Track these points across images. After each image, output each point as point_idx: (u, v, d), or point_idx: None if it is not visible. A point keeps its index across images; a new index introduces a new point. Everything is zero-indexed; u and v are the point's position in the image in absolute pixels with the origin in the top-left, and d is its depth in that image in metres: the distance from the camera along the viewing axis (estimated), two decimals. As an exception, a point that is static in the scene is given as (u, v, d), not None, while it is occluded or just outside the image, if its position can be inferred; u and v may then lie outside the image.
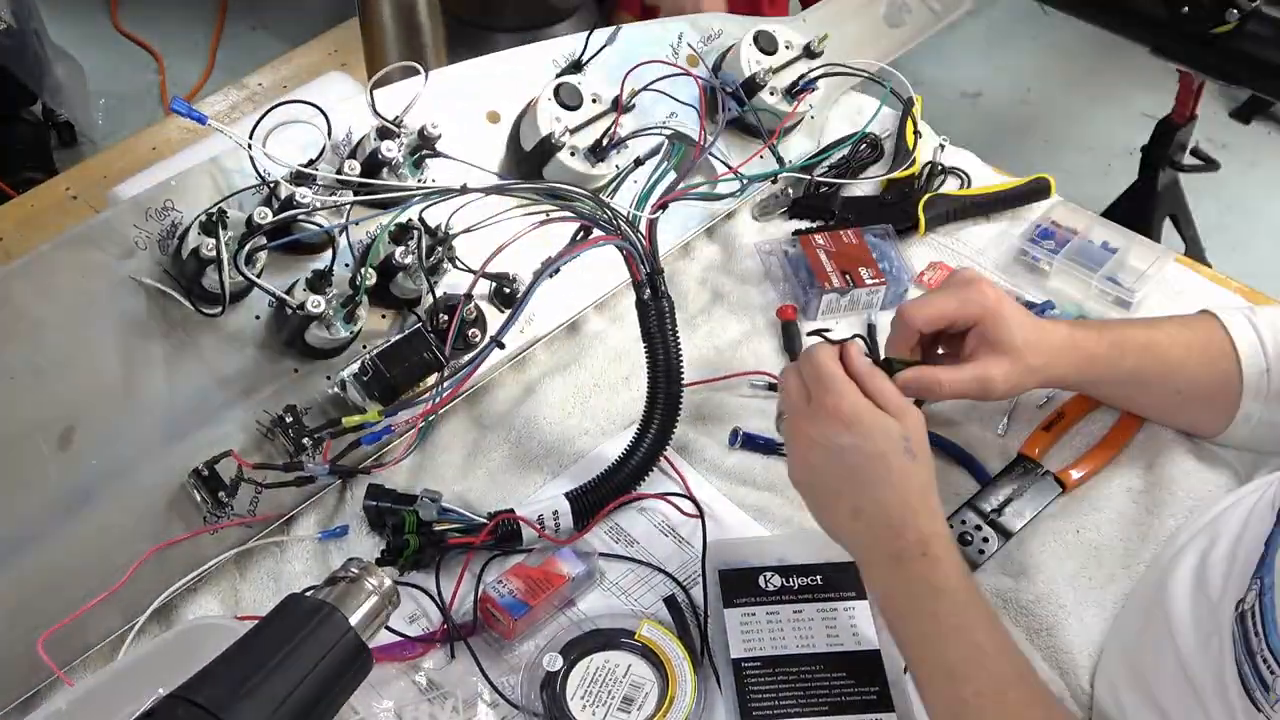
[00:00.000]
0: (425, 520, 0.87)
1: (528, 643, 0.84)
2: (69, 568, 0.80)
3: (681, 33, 1.12)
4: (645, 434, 0.90)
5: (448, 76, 1.00)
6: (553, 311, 1.02)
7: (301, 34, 1.44)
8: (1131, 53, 1.69)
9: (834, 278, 1.06)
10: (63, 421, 0.81)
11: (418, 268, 0.91)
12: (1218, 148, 2.43)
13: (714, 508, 0.92)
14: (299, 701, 0.61)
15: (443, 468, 0.95)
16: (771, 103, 1.10)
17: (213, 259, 0.83)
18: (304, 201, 0.86)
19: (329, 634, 0.65)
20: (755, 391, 1.01)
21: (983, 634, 0.72)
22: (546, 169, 0.99)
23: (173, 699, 0.59)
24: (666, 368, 0.88)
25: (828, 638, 0.83)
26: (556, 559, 0.85)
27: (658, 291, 0.87)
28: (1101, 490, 0.93)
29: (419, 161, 0.93)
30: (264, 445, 0.88)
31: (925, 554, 0.73)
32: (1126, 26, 1.68)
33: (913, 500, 0.75)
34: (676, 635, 0.82)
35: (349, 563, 0.69)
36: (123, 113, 2.46)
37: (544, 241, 0.90)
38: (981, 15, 2.85)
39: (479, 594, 0.84)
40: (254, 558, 0.89)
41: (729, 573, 0.86)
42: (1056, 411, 0.97)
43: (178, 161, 1.07)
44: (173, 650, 0.73)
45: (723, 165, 1.06)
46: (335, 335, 0.88)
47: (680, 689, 0.79)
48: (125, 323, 0.84)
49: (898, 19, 1.30)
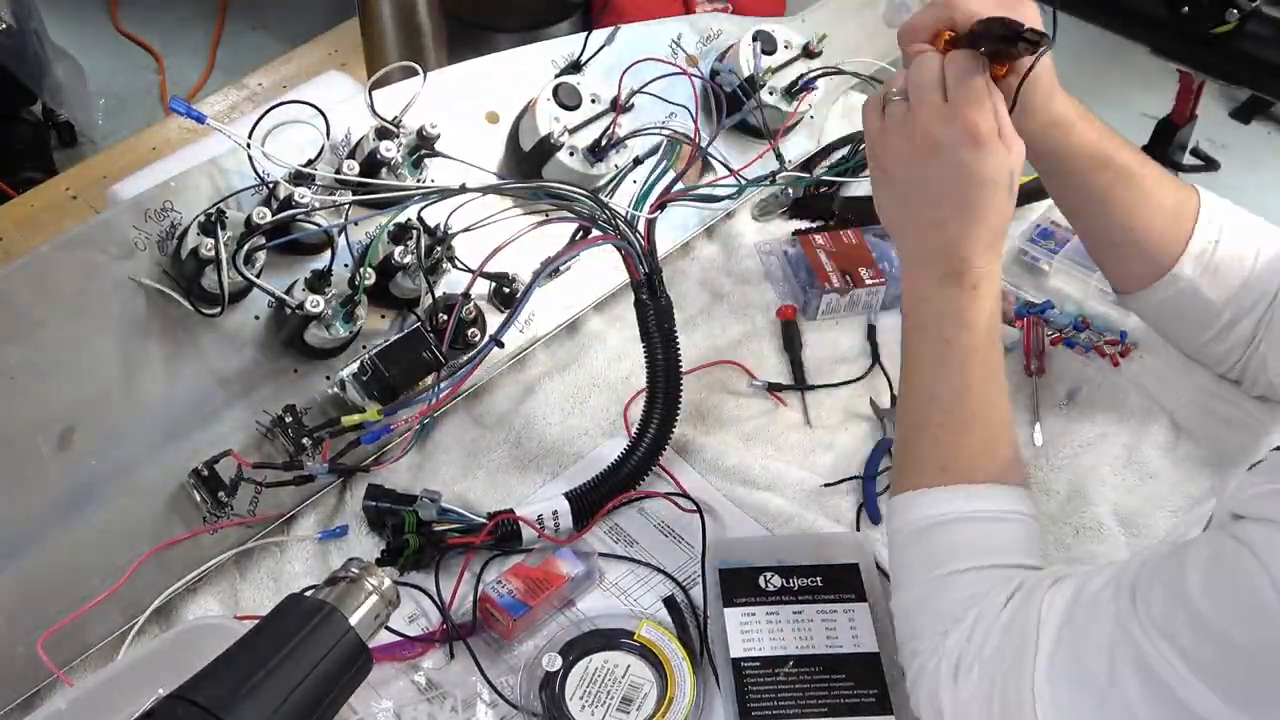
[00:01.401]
0: (425, 520, 0.87)
1: (527, 643, 0.84)
2: (69, 568, 0.80)
3: (680, 33, 1.12)
4: (644, 433, 0.90)
5: (447, 77, 1.00)
6: (552, 312, 1.02)
7: (301, 34, 1.44)
8: (1131, 53, 1.69)
9: (834, 278, 1.06)
10: (62, 422, 0.81)
11: (417, 267, 0.91)
12: (1218, 148, 2.43)
13: (714, 508, 0.92)
14: (299, 701, 0.61)
15: (442, 468, 0.95)
16: (771, 102, 1.10)
17: (212, 259, 0.83)
18: (303, 201, 0.86)
19: (329, 634, 0.65)
20: (755, 390, 1.01)
21: (978, 378, 0.75)
22: (545, 169, 0.99)
23: (173, 699, 0.59)
24: (665, 367, 0.88)
25: (827, 639, 0.83)
26: (556, 559, 0.85)
27: (656, 291, 0.87)
28: (1101, 483, 0.94)
29: (418, 161, 0.93)
30: (263, 445, 0.88)
31: (975, 286, 0.75)
32: (1126, 26, 1.67)
33: (989, 235, 0.76)
34: (675, 635, 0.83)
35: (349, 563, 0.69)
36: (123, 113, 2.45)
37: (543, 242, 0.90)
38: (981, 15, 2.84)
39: (478, 594, 0.84)
40: (254, 558, 0.89)
41: (729, 572, 0.86)
42: None
43: (177, 160, 1.07)
44: (173, 650, 0.73)
45: (722, 166, 1.06)
46: (334, 335, 0.88)
47: (679, 689, 0.79)
48: (125, 323, 0.84)
49: (896, 19, 1.30)
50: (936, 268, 0.77)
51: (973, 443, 0.75)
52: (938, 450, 0.75)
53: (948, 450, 0.75)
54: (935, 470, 0.75)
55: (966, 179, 0.75)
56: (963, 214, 0.76)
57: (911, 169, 0.78)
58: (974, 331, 0.75)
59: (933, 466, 0.75)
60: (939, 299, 0.76)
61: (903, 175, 0.79)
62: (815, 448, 0.98)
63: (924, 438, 0.76)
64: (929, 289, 0.77)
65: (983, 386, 0.75)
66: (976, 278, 0.75)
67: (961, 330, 0.75)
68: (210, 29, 2.69)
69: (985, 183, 0.75)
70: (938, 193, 0.76)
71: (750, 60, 1.09)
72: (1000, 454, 0.75)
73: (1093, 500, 0.93)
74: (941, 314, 0.76)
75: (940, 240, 0.77)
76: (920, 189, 0.78)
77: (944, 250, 0.76)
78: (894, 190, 0.80)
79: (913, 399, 0.78)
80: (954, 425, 0.75)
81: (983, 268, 0.76)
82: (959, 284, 0.75)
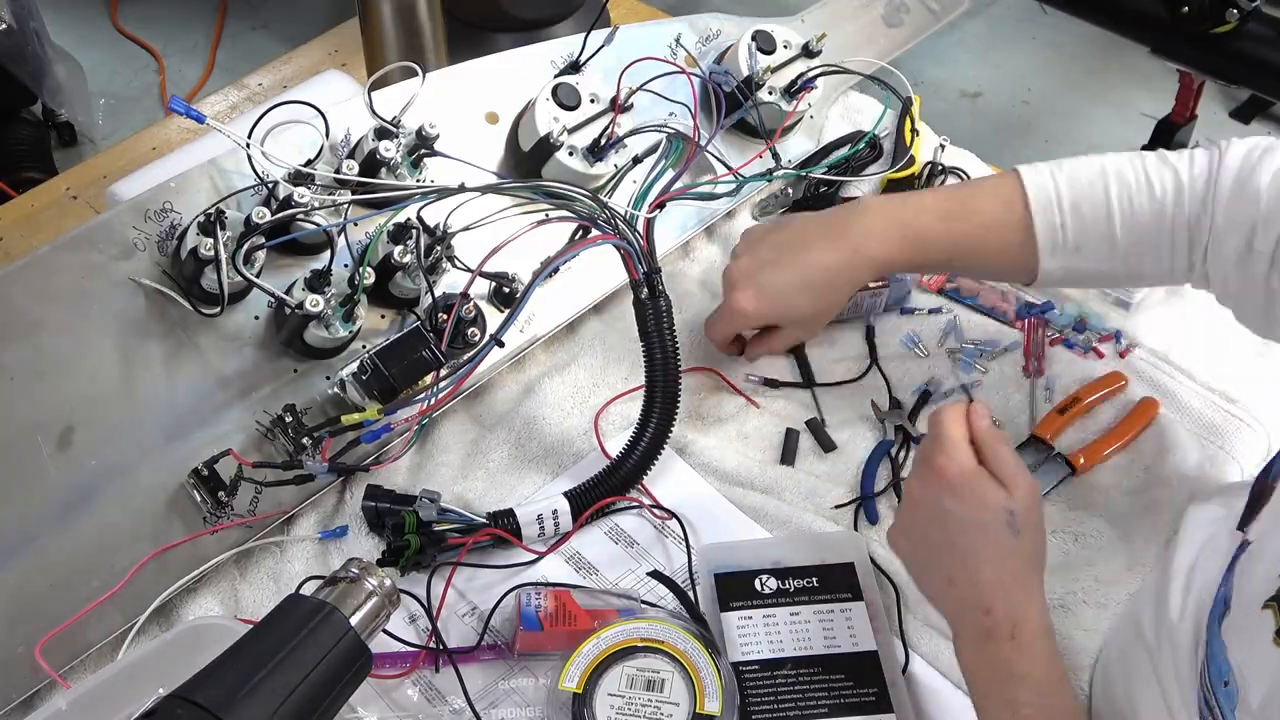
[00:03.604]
0: (425, 520, 0.87)
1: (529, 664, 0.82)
2: (69, 568, 0.80)
3: (680, 33, 1.12)
4: (643, 432, 0.90)
5: (446, 77, 1.00)
6: (552, 311, 1.02)
7: (301, 34, 1.44)
8: (1131, 53, 1.69)
9: (834, 278, 1.06)
10: (62, 422, 0.81)
11: (416, 267, 0.91)
12: (1217, 147, 2.44)
13: (712, 509, 0.92)
14: (299, 702, 0.62)
15: (442, 468, 0.95)
16: (770, 101, 1.10)
17: (211, 259, 0.83)
18: (302, 201, 0.86)
19: (329, 634, 0.65)
20: (755, 388, 1.01)
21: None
22: (545, 169, 0.99)
23: (173, 699, 0.59)
24: (664, 366, 0.88)
25: (825, 639, 0.83)
26: (613, 607, 0.83)
27: (655, 290, 0.87)
28: (1106, 487, 0.94)
29: (417, 161, 0.93)
30: (263, 445, 0.88)
31: (1014, 637, 0.70)
32: (1126, 26, 1.67)
33: (1007, 578, 0.71)
34: (683, 628, 0.81)
35: (349, 563, 0.70)
36: (123, 113, 2.45)
37: (543, 242, 0.90)
38: (981, 15, 2.85)
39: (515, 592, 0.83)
40: (254, 558, 0.89)
41: (724, 577, 0.86)
42: (1072, 396, 0.98)
43: (175, 159, 1.07)
44: (173, 650, 0.73)
45: (720, 165, 1.06)
46: (334, 335, 0.88)
47: (705, 677, 0.78)
48: (124, 323, 0.84)
49: (896, 19, 1.30)
50: (968, 627, 0.72)
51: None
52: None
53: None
54: None
55: (955, 526, 0.73)
56: (965, 563, 0.72)
57: (913, 536, 0.77)
58: (1033, 684, 0.69)
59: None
60: (986, 660, 0.71)
61: (908, 546, 0.78)
62: (815, 448, 0.98)
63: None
64: (972, 652, 0.72)
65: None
66: (1010, 626, 0.70)
67: (1021, 687, 0.69)
68: (210, 29, 2.70)
69: (972, 526, 0.72)
70: (939, 549, 0.74)
71: (748, 60, 1.09)
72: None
73: (1094, 501, 0.93)
74: (993, 675, 0.70)
75: (958, 598, 0.73)
76: (924, 550, 0.76)
77: (966, 607, 0.72)
78: (912, 561, 0.78)
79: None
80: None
81: (1016, 611, 0.70)
82: (994, 639, 0.70)
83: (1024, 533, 0.72)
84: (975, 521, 0.72)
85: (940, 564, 0.74)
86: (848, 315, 1.06)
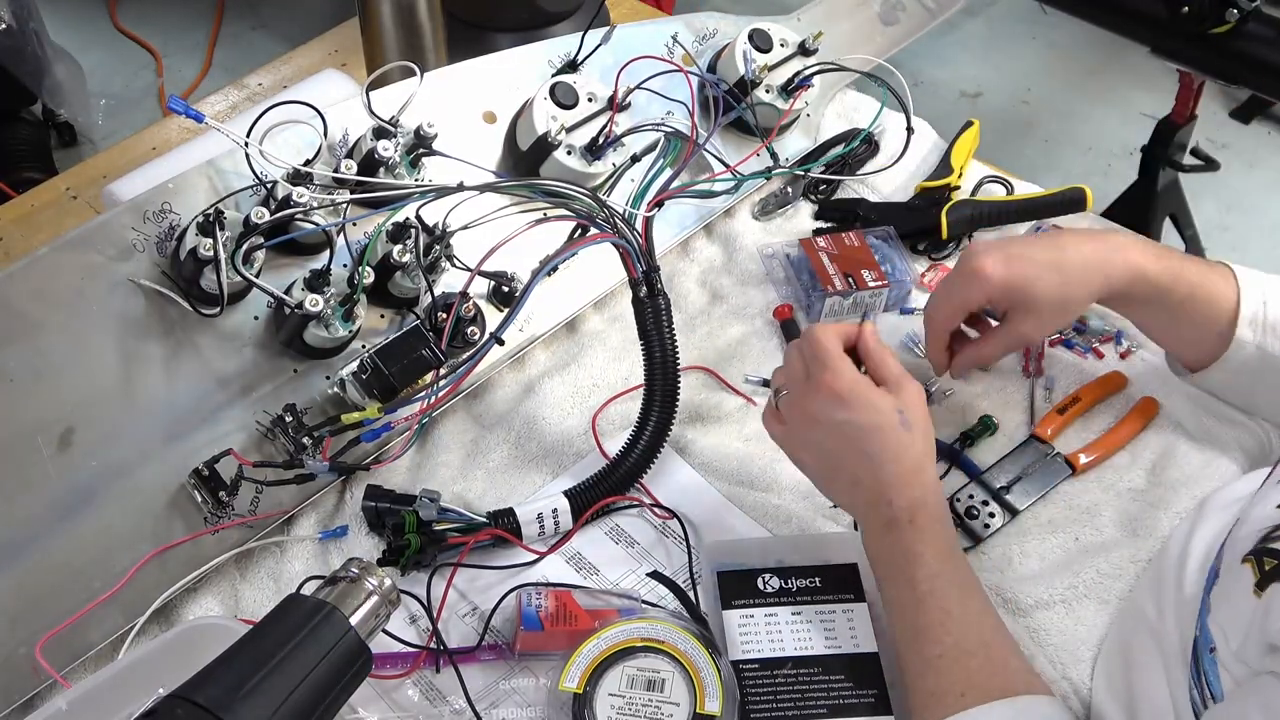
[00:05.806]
0: (425, 520, 0.87)
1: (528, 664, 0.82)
2: (70, 568, 0.81)
3: (676, 32, 1.13)
4: (643, 430, 0.90)
5: (444, 76, 1.01)
6: (551, 311, 1.02)
7: (301, 34, 1.44)
8: (1131, 53, 1.69)
9: (837, 280, 1.06)
10: (62, 423, 0.81)
11: (415, 266, 0.91)
12: (1218, 148, 2.43)
13: (713, 508, 0.92)
14: (299, 701, 0.61)
15: (442, 467, 0.95)
16: (767, 100, 1.10)
17: (210, 259, 0.83)
18: (301, 201, 0.86)
19: (329, 634, 0.65)
20: (754, 388, 1.01)
21: (954, 601, 0.75)
22: (543, 168, 0.99)
23: (173, 699, 0.59)
24: (663, 364, 0.88)
25: (826, 640, 0.83)
26: (610, 609, 0.83)
27: (654, 289, 0.87)
28: (1106, 487, 0.94)
29: (416, 161, 0.93)
30: (264, 445, 0.88)
31: (911, 521, 0.77)
32: (1126, 26, 1.67)
33: (905, 471, 0.78)
34: (683, 628, 0.81)
35: (349, 563, 0.70)
36: (123, 113, 2.46)
37: (541, 241, 0.90)
38: (981, 15, 2.85)
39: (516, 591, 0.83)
40: (254, 558, 0.89)
41: (727, 574, 0.86)
42: (1072, 396, 0.98)
43: (174, 159, 1.07)
44: (173, 650, 0.73)
45: (719, 163, 1.06)
46: (334, 334, 0.88)
47: (705, 677, 0.78)
48: (124, 324, 0.84)
49: (892, 16, 1.31)
50: (873, 520, 0.79)
51: (979, 663, 0.73)
52: (950, 680, 0.73)
53: (959, 677, 0.73)
54: (955, 698, 0.72)
55: (853, 433, 0.79)
56: (868, 464, 0.78)
57: (811, 449, 0.83)
58: (929, 561, 0.76)
59: (951, 697, 0.72)
60: (888, 546, 0.78)
61: (810, 458, 0.83)
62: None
63: (929, 674, 0.74)
64: (877, 541, 0.79)
65: (962, 608, 0.75)
66: (909, 513, 0.77)
67: (919, 565, 0.76)
68: (209, 29, 2.70)
69: (869, 430, 0.78)
70: (839, 456, 0.80)
71: (744, 59, 1.09)
72: (1012, 664, 0.74)
73: (1094, 501, 0.93)
74: (894, 559, 0.77)
75: (863, 496, 0.79)
76: (825, 461, 0.82)
77: (871, 503, 0.79)
78: (815, 473, 0.84)
79: (904, 641, 0.76)
80: (953, 652, 0.73)
81: (913, 499, 0.77)
82: (896, 526, 0.77)
83: (915, 427, 0.79)
84: (872, 425, 0.78)
85: (844, 469, 0.80)
86: (848, 315, 1.06)
